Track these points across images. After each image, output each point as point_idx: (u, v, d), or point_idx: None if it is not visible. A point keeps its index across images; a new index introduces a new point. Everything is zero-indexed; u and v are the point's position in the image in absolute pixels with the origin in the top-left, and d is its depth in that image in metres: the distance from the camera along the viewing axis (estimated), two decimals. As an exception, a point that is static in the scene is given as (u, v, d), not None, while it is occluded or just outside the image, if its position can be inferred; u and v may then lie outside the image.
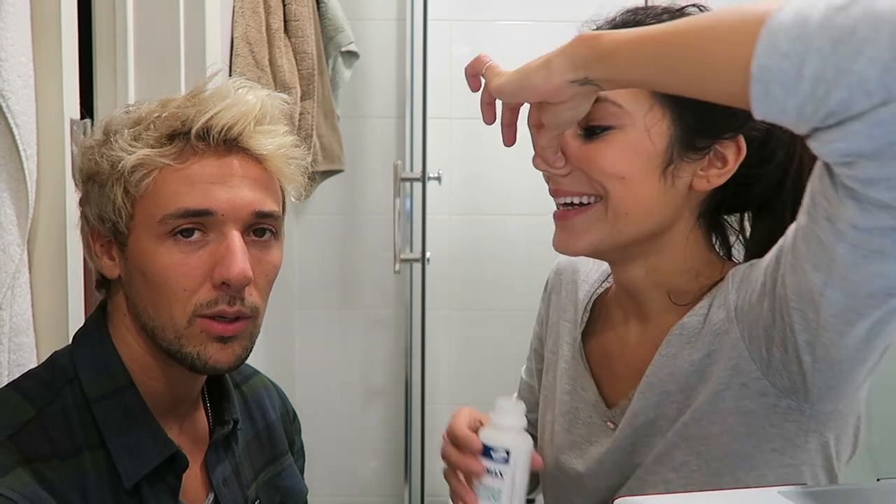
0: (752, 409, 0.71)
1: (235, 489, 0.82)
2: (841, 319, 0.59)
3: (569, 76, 0.62)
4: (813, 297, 0.59)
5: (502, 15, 2.32)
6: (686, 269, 0.79)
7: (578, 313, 0.90)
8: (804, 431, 0.71)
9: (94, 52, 1.20)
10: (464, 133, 2.35)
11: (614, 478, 0.81)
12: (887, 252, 0.53)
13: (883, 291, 0.56)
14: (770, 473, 0.72)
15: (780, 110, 0.51)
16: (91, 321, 0.79)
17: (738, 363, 0.70)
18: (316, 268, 2.39)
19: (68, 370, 0.73)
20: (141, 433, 0.72)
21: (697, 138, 0.74)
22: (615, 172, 0.73)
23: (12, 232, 0.86)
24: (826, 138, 0.50)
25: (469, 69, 0.72)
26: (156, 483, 0.73)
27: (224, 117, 0.70)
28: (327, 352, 2.44)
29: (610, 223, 0.75)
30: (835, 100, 0.48)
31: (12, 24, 0.84)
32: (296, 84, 1.78)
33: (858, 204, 0.51)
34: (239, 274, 0.69)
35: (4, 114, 0.84)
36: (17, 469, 0.65)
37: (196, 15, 1.29)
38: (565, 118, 0.67)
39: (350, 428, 2.46)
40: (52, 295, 0.93)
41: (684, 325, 0.76)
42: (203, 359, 0.71)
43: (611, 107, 0.72)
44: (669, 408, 0.76)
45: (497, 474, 0.76)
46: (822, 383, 0.66)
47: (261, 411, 0.92)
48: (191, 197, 0.69)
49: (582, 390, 0.86)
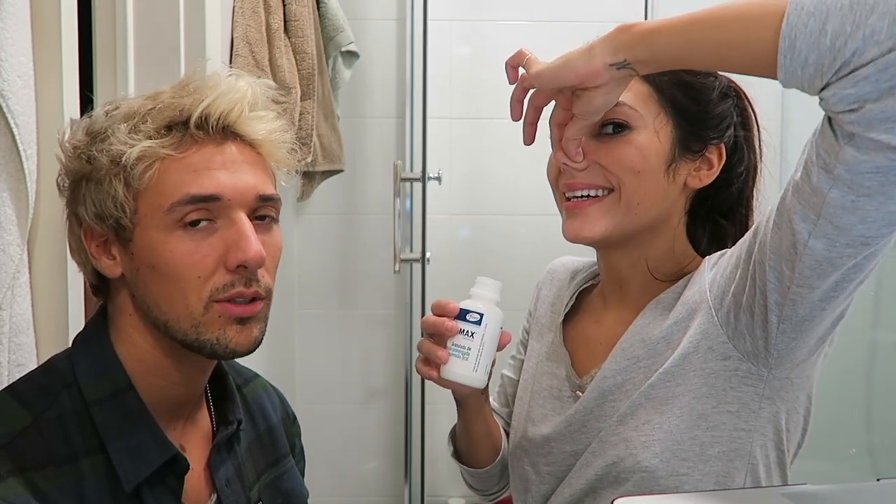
0: (715, 371, 0.79)
1: (238, 490, 0.82)
2: (816, 272, 0.68)
3: (609, 59, 0.70)
4: (795, 248, 0.67)
5: (502, 15, 2.32)
6: (671, 257, 0.89)
7: (563, 302, 0.99)
8: (759, 397, 0.79)
9: (94, 52, 1.20)
10: (464, 133, 2.35)
11: (580, 441, 0.87)
12: (873, 194, 0.61)
13: (861, 240, 0.65)
14: (724, 436, 0.80)
15: (801, 63, 0.59)
16: (90, 325, 0.78)
17: (706, 328, 0.80)
18: (316, 268, 2.39)
19: (66, 374, 0.72)
20: (141, 435, 0.72)
21: (692, 142, 0.85)
22: (633, 166, 0.83)
23: (12, 232, 0.86)
24: (838, 87, 0.58)
25: (510, 61, 0.80)
26: (157, 486, 0.72)
27: (221, 104, 0.72)
28: (327, 352, 2.44)
29: (623, 212, 0.84)
30: (850, 50, 0.56)
31: (12, 24, 0.84)
32: (296, 84, 1.78)
33: (857, 148, 0.59)
34: (255, 255, 0.70)
35: (4, 114, 0.83)
36: (10, 479, 0.64)
37: (196, 15, 1.29)
38: (598, 104, 0.74)
39: (350, 428, 2.46)
40: (52, 295, 0.93)
41: (660, 300, 0.86)
42: (223, 343, 0.72)
43: (628, 110, 0.83)
44: (637, 372, 0.84)
45: (468, 334, 0.84)
46: (783, 345, 0.75)
47: (262, 414, 0.92)
48: (197, 183, 0.70)
49: (557, 368, 0.95)
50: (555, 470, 0.90)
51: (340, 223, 2.42)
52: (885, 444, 2.11)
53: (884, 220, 0.63)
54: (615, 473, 0.82)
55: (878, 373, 2.11)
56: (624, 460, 0.82)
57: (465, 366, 0.84)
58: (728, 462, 0.80)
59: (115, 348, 0.74)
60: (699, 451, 0.80)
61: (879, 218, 0.63)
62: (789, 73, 0.60)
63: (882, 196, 0.61)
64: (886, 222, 0.63)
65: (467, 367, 0.84)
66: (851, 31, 0.56)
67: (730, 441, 0.80)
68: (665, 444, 0.80)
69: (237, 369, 0.93)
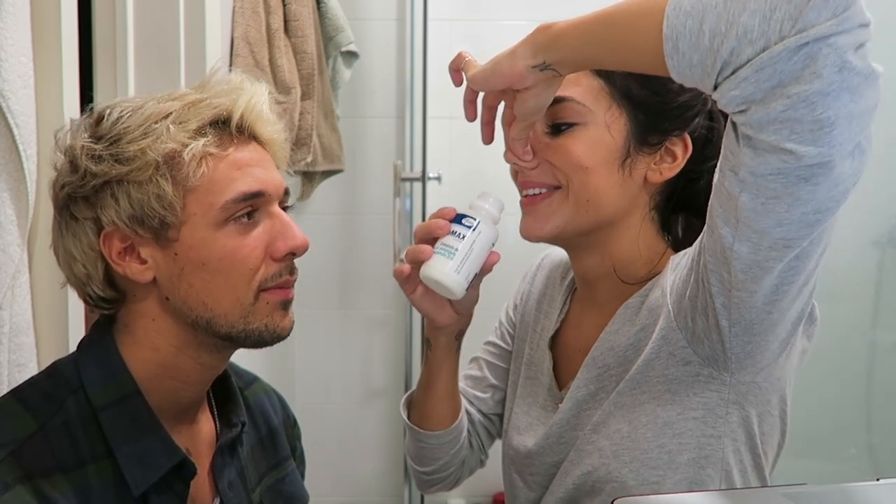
0: (676, 377, 0.77)
1: (241, 493, 0.82)
2: (749, 276, 0.65)
3: (530, 61, 0.68)
4: (725, 253, 0.65)
5: (502, 15, 2.33)
6: (638, 257, 0.85)
7: (553, 304, 0.97)
8: (725, 402, 0.77)
9: (94, 52, 1.20)
10: (464, 133, 2.35)
11: (559, 452, 0.86)
12: (780, 196, 0.59)
13: (782, 242, 0.62)
14: (692, 442, 0.78)
15: (688, 65, 0.57)
16: (95, 330, 0.77)
17: (666, 333, 0.77)
18: (316, 268, 2.39)
19: (72, 380, 0.72)
20: (149, 440, 0.71)
21: (650, 135, 0.82)
22: (580, 163, 0.81)
23: (12, 232, 0.86)
24: (725, 88, 0.57)
25: (451, 64, 0.79)
26: (164, 491, 0.72)
27: (255, 106, 0.75)
28: (327, 352, 2.44)
29: (572, 208, 0.82)
30: (727, 49, 0.55)
31: (12, 24, 0.84)
32: (296, 84, 1.78)
33: (754, 150, 0.58)
34: (303, 242, 0.76)
35: (4, 114, 0.83)
36: (18, 486, 0.64)
37: (196, 15, 1.29)
38: (531, 105, 0.73)
39: (350, 428, 2.46)
40: (52, 295, 0.93)
41: (628, 305, 0.83)
42: (271, 328, 0.75)
43: (575, 105, 0.81)
44: (608, 381, 0.83)
45: (459, 236, 0.82)
46: (739, 349, 0.72)
47: (263, 417, 0.92)
48: (244, 181, 0.73)
49: (541, 375, 0.94)
50: (539, 479, 0.89)
51: (340, 223, 2.42)
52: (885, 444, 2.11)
53: (800, 221, 0.60)
54: (591, 483, 0.81)
55: (878, 373, 2.11)
56: (597, 470, 0.81)
57: (447, 264, 0.80)
58: (699, 469, 0.78)
59: (123, 354, 0.74)
60: (668, 459, 0.78)
61: (795, 220, 0.60)
62: (680, 74, 0.59)
63: (789, 198, 0.58)
64: (803, 224, 0.60)
65: (450, 266, 0.80)
66: (726, 29, 0.54)
67: (698, 448, 0.77)
68: (633, 454, 0.78)
69: (238, 372, 0.93)
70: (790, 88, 0.54)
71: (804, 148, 0.55)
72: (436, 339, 0.93)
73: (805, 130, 0.55)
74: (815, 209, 0.59)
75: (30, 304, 0.90)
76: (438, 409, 0.97)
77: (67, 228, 0.73)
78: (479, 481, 1.13)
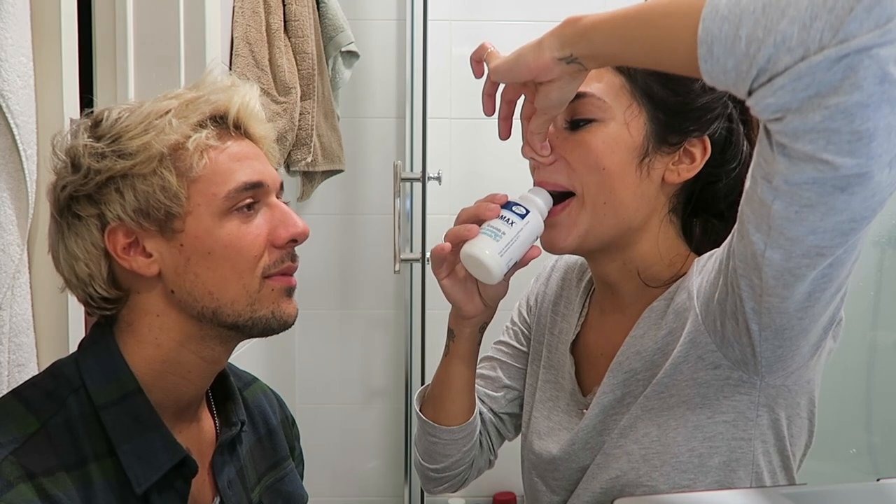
0: (706, 381, 0.76)
1: (240, 492, 0.82)
2: (780, 282, 0.64)
3: (557, 54, 0.68)
4: (756, 259, 0.64)
5: (502, 15, 2.32)
6: (659, 259, 0.84)
7: (575, 309, 0.96)
8: (755, 405, 0.76)
9: (94, 52, 1.20)
10: (464, 133, 2.35)
11: (585, 458, 0.86)
12: (815, 205, 0.57)
13: (815, 250, 0.61)
14: (723, 445, 0.77)
15: (722, 69, 0.56)
16: (95, 330, 0.77)
17: (695, 337, 0.76)
18: (316, 268, 2.39)
19: (73, 379, 0.72)
20: (150, 438, 0.72)
21: (669, 134, 0.81)
22: (597, 162, 0.80)
23: (12, 232, 0.86)
24: (760, 95, 0.55)
25: (473, 55, 0.78)
26: (165, 489, 0.72)
27: (248, 103, 0.78)
28: (327, 352, 2.44)
29: (590, 213, 0.81)
30: (764, 57, 0.53)
31: (12, 24, 0.84)
32: (296, 84, 1.78)
33: (788, 159, 0.56)
34: (304, 229, 0.78)
35: (4, 114, 0.83)
36: (20, 485, 0.64)
37: (196, 15, 1.29)
38: (554, 98, 0.72)
39: (350, 428, 2.46)
40: (52, 295, 0.92)
41: (653, 308, 0.82)
42: (278, 315, 0.76)
43: (596, 101, 0.80)
44: (635, 385, 0.82)
45: (508, 221, 0.79)
46: (770, 353, 0.71)
47: (262, 417, 0.92)
48: (244, 172, 0.75)
49: (562, 379, 0.93)
50: (564, 483, 0.89)
51: (340, 223, 2.42)
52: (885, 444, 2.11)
53: (834, 230, 0.59)
54: (619, 487, 0.81)
55: (878, 373, 2.11)
56: (626, 474, 0.80)
57: (492, 245, 0.77)
58: (730, 472, 0.77)
59: (124, 352, 0.74)
60: (699, 463, 0.77)
61: (829, 228, 0.59)
62: (714, 78, 0.57)
63: (824, 206, 0.57)
64: (837, 232, 0.59)
65: (494, 247, 0.77)
66: (763, 36, 0.53)
67: (729, 451, 0.77)
68: (664, 458, 0.78)
69: (237, 373, 0.93)
70: (828, 99, 0.52)
71: (841, 159, 0.54)
72: (460, 330, 0.92)
73: (843, 141, 0.53)
74: (851, 218, 0.58)
75: (30, 304, 0.90)
76: (455, 404, 0.96)
77: (69, 228, 0.74)
78: (480, 481, 1.13)
